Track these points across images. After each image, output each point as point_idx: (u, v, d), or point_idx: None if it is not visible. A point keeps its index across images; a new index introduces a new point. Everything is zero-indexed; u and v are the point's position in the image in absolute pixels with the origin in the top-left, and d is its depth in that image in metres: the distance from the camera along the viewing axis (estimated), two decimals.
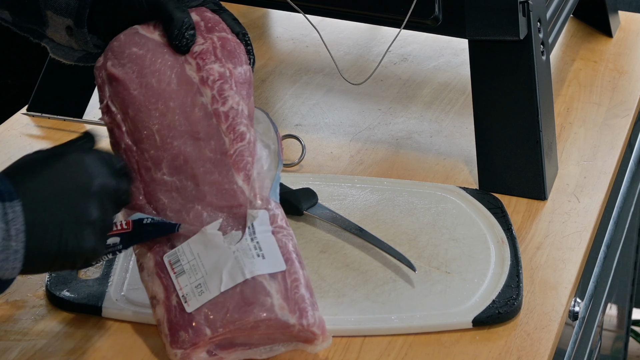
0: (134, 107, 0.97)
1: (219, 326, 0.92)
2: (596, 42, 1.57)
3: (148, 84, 0.97)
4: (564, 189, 1.24)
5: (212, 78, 0.97)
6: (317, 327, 0.94)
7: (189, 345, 0.92)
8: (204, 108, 0.97)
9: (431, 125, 1.36)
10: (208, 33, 0.99)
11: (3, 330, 1.01)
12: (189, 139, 0.96)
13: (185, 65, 0.98)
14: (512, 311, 1.03)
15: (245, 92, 0.99)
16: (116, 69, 0.98)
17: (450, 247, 1.11)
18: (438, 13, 1.20)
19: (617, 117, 1.39)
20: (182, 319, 0.93)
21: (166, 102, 0.97)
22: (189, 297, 0.92)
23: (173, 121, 0.97)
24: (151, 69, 0.98)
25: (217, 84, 0.97)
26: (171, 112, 0.97)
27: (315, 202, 1.15)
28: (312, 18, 1.24)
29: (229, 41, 0.99)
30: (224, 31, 1.00)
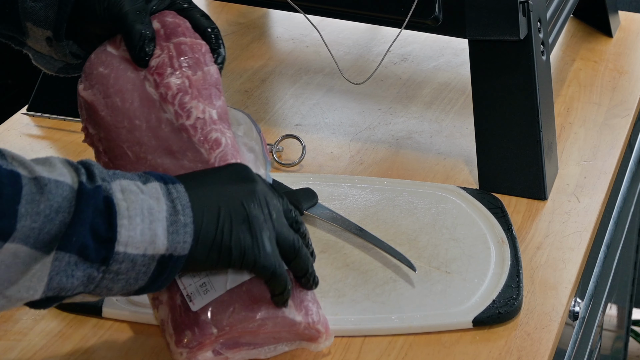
0: (104, 127, 0.96)
1: (226, 325, 0.92)
2: (596, 42, 1.57)
3: (113, 104, 0.96)
4: (564, 189, 1.24)
5: (171, 93, 0.95)
6: (321, 325, 0.94)
7: (195, 345, 0.92)
8: (170, 124, 0.95)
9: (431, 125, 1.36)
10: (166, 41, 0.97)
11: (3, 330, 1.01)
12: (163, 153, 0.95)
13: (145, 82, 0.96)
14: (512, 311, 1.03)
15: (211, 95, 0.97)
16: (86, 91, 0.98)
17: (450, 247, 1.11)
18: (438, 13, 1.20)
19: (617, 117, 1.39)
20: (187, 318, 0.92)
21: (131, 120, 0.95)
22: (194, 296, 0.92)
23: (142, 137, 0.95)
24: (115, 88, 0.96)
25: (177, 98, 0.95)
26: (138, 130, 0.95)
27: (315, 202, 1.15)
28: (312, 18, 1.24)
29: (185, 46, 0.97)
30: (182, 35, 0.98)
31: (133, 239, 0.81)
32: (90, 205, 0.79)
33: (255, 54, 1.52)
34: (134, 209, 0.82)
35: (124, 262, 0.81)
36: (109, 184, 0.82)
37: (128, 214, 0.81)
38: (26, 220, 0.76)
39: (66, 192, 0.79)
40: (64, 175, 0.80)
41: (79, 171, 0.81)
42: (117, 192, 0.82)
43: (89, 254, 0.80)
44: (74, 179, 0.80)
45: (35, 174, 0.78)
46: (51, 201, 0.78)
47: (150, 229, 0.82)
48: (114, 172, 0.84)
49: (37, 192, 0.77)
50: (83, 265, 0.80)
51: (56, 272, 0.79)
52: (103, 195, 0.81)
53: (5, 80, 1.71)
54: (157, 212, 0.83)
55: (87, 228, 0.79)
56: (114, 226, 0.81)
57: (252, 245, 0.88)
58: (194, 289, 0.92)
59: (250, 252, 0.87)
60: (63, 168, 0.80)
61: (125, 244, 0.81)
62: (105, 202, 0.81)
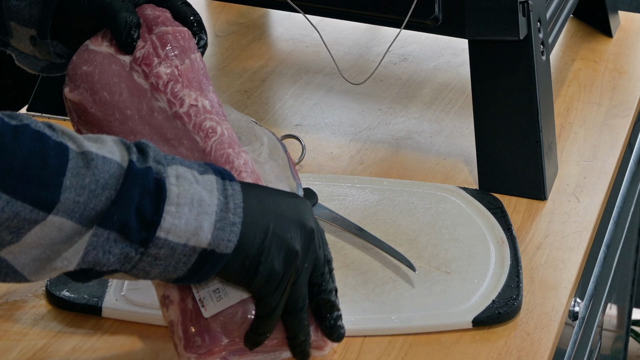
0: (95, 124, 0.96)
1: (236, 336, 0.91)
2: (596, 42, 1.57)
3: (101, 98, 0.95)
4: (564, 189, 1.24)
5: (162, 82, 0.95)
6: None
7: (204, 351, 0.91)
8: (164, 112, 0.95)
9: (431, 125, 1.36)
10: (149, 33, 0.97)
11: (3, 330, 1.01)
12: (159, 140, 0.95)
13: (132, 73, 0.96)
14: (512, 311, 1.03)
15: (201, 84, 0.96)
16: (73, 93, 0.97)
17: (450, 247, 1.11)
18: (438, 13, 1.20)
19: (617, 117, 1.39)
20: (198, 324, 0.91)
21: (122, 111, 0.95)
22: (206, 302, 0.90)
23: (135, 127, 0.95)
24: (101, 83, 0.96)
25: (169, 87, 0.95)
26: (130, 120, 0.95)
27: (315, 202, 1.15)
28: (312, 18, 1.24)
29: (168, 35, 0.96)
30: (163, 25, 0.97)
31: (177, 227, 0.80)
32: (137, 185, 0.79)
33: (255, 54, 1.52)
34: (184, 197, 0.81)
35: (164, 248, 0.81)
36: (165, 167, 0.81)
37: (177, 201, 0.80)
38: (70, 192, 0.76)
39: (113, 169, 0.78)
40: (114, 152, 0.79)
41: (130, 150, 0.80)
42: (171, 177, 0.81)
43: (129, 234, 0.79)
44: (124, 157, 0.79)
45: (84, 149, 0.77)
46: (97, 176, 0.77)
47: (197, 220, 0.81)
48: (173, 157, 0.83)
49: (84, 166, 0.77)
50: (122, 244, 0.79)
51: (93, 246, 0.79)
52: (154, 177, 0.80)
53: (5, 80, 1.71)
54: (207, 205, 0.82)
55: (131, 207, 0.79)
56: (160, 210, 0.80)
57: (277, 281, 0.86)
58: (207, 293, 0.90)
59: (270, 286, 0.86)
60: (114, 146, 0.80)
61: (167, 231, 0.80)
62: (156, 184, 0.80)
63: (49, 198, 0.76)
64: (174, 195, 0.80)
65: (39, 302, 1.05)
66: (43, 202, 0.75)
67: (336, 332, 0.93)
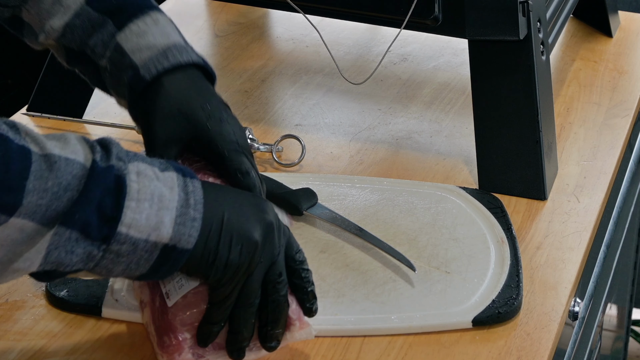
0: None
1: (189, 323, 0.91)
2: (596, 42, 1.57)
3: None
4: (564, 189, 1.24)
5: None
6: (293, 313, 0.93)
7: (173, 349, 0.92)
8: None
9: (431, 125, 1.36)
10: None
11: (3, 330, 1.01)
12: None
13: None
14: (512, 311, 1.03)
15: None
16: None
17: (450, 247, 1.11)
18: (438, 13, 1.20)
19: (617, 117, 1.39)
20: (163, 322, 0.92)
21: None
22: (171, 293, 0.92)
23: None
24: None
25: None
26: None
27: (315, 202, 1.15)
28: (312, 18, 1.24)
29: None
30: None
31: (137, 221, 0.81)
32: (99, 185, 0.79)
33: (255, 54, 1.52)
34: (144, 193, 0.82)
35: (125, 243, 0.81)
36: (126, 164, 0.82)
37: (137, 197, 0.81)
38: (33, 196, 0.76)
39: (76, 170, 0.79)
40: (77, 152, 0.79)
41: (94, 149, 0.81)
42: (132, 174, 0.82)
43: (91, 232, 0.80)
44: (88, 156, 0.80)
45: (46, 151, 0.78)
46: (60, 179, 0.77)
47: (157, 215, 0.82)
48: (135, 154, 0.84)
49: (47, 168, 0.77)
50: (84, 243, 0.80)
51: (55, 246, 0.79)
52: (115, 174, 0.80)
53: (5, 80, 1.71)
54: (168, 201, 0.83)
55: (92, 206, 0.79)
56: (120, 206, 0.80)
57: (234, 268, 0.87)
58: (172, 286, 0.92)
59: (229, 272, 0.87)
60: (77, 145, 0.80)
61: (128, 225, 0.81)
62: (116, 182, 0.80)
63: (12, 202, 0.76)
64: (134, 191, 0.81)
65: (39, 302, 1.05)
66: (5, 206, 0.76)
67: (268, 342, 0.93)
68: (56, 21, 1.00)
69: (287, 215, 1.12)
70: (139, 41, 0.97)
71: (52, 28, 1.00)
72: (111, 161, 0.81)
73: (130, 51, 0.97)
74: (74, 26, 0.99)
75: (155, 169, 0.84)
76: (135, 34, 0.97)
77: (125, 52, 0.97)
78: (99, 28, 0.98)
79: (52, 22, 1.00)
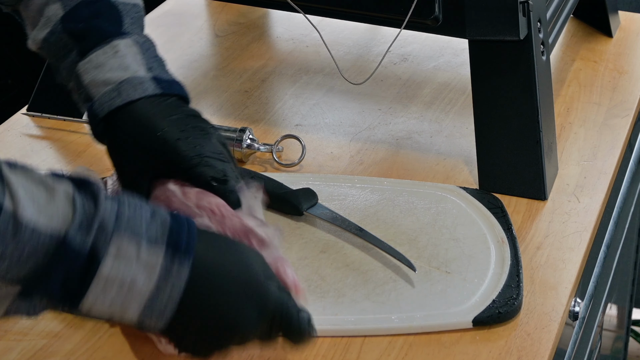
0: None
1: None
2: (596, 42, 1.57)
3: None
4: (564, 189, 1.24)
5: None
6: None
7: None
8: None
9: (431, 125, 1.36)
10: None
11: (3, 330, 1.01)
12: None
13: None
14: (512, 311, 1.03)
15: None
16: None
17: (450, 247, 1.11)
18: (438, 13, 1.20)
19: (617, 117, 1.39)
20: None
21: None
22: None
23: None
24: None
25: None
26: None
27: (315, 202, 1.15)
28: (312, 18, 1.24)
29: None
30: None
31: (100, 305, 0.79)
32: (64, 267, 0.76)
33: (255, 54, 1.52)
34: (114, 280, 0.78)
35: (89, 314, 0.80)
36: (108, 237, 0.77)
37: (104, 284, 0.78)
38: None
39: (42, 241, 0.75)
40: (53, 217, 0.76)
41: (75, 214, 0.76)
42: (110, 254, 0.78)
43: (53, 299, 0.78)
44: (66, 221, 0.76)
45: (18, 211, 0.74)
46: (20, 249, 0.74)
47: (123, 304, 0.79)
48: (128, 218, 0.79)
49: (11, 232, 0.73)
50: (47, 303, 0.78)
51: (15, 307, 0.77)
52: (89, 252, 0.77)
53: (5, 80, 1.71)
54: (138, 291, 0.79)
55: (57, 283, 0.76)
56: (85, 286, 0.78)
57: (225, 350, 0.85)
58: None
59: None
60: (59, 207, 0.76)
61: (90, 305, 0.79)
62: (89, 258, 0.77)
63: None
64: (102, 277, 0.78)
65: None
66: None
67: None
68: (37, 32, 1.01)
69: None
70: (97, 74, 0.97)
71: (35, 38, 1.01)
72: (90, 234, 0.77)
73: (88, 84, 0.97)
74: (50, 43, 1.00)
75: (142, 244, 0.79)
76: (94, 66, 0.97)
77: (83, 85, 0.98)
78: (67, 53, 0.99)
79: (35, 32, 1.01)
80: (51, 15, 1.00)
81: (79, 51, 0.98)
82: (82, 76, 0.98)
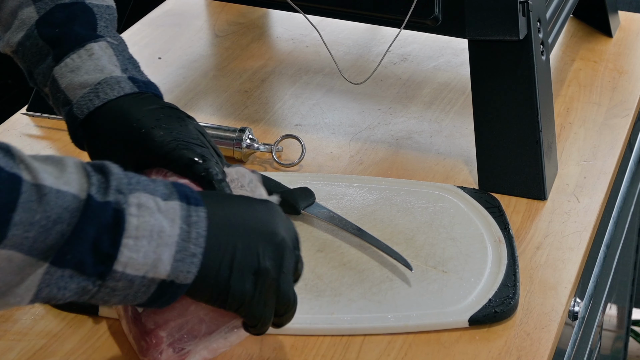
0: None
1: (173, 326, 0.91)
2: (596, 42, 1.57)
3: None
4: (564, 189, 1.24)
5: None
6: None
7: (153, 350, 0.91)
8: None
9: (431, 125, 1.36)
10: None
11: (3, 330, 1.01)
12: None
13: None
14: (508, 310, 1.03)
15: None
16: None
17: (447, 246, 1.11)
18: (438, 13, 1.20)
19: (617, 117, 1.39)
20: (138, 328, 0.92)
21: None
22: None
23: None
24: None
25: None
26: None
27: (312, 201, 1.15)
28: (312, 18, 1.24)
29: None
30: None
31: (134, 260, 0.79)
32: (93, 224, 0.77)
33: (255, 54, 1.52)
34: (143, 229, 0.79)
35: (121, 280, 0.79)
36: (126, 196, 0.79)
37: (136, 234, 0.78)
38: (18, 229, 0.73)
39: (67, 203, 0.76)
40: (71, 182, 0.77)
41: (91, 179, 0.78)
42: (132, 207, 0.79)
43: (85, 269, 0.77)
44: (83, 186, 0.77)
45: (38, 180, 0.75)
46: (48, 212, 0.75)
47: (156, 252, 0.79)
48: (138, 180, 0.81)
49: (36, 200, 0.74)
50: (78, 278, 0.78)
51: (46, 284, 0.77)
52: (114, 209, 0.78)
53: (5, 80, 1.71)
54: (167, 236, 0.80)
55: (87, 244, 0.76)
56: (117, 244, 0.78)
57: (251, 300, 0.86)
58: None
59: (247, 305, 0.86)
60: (73, 174, 0.77)
61: (124, 265, 0.78)
62: (114, 217, 0.78)
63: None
64: (132, 228, 0.78)
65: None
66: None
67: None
68: (12, 35, 1.01)
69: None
70: (73, 78, 0.97)
71: (8, 41, 1.01)
72: (109, 195, 0.78)
73: (65, 88, 0.98)
74: (25, 47, 1.00)
75: (158, 199, 0.81)
76: (70, 69, 0.97)
77: (61, 89, 0.98)
78: (43, 58, 0.99)
79: (9, 35, 1.01)
80: (25, 18, 1.00)
81: (54, 56, 0.99)
82: (58, 80, 0.98)
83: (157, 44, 1.54)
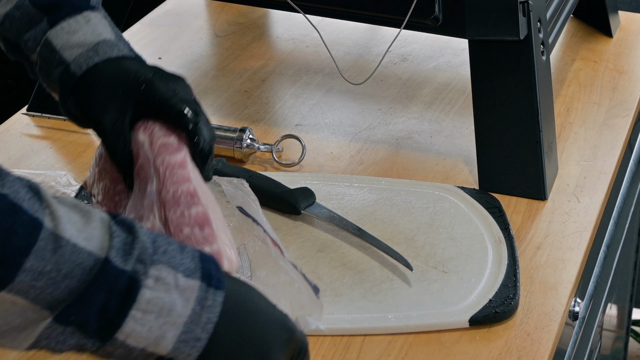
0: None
1: None
2: (596, 42, 1.57)
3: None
4: (564, 189, 1.24)
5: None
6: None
7: None
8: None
9: (431, 125, 1.36)
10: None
11: None
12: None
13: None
14: (508, 310, 1.03)
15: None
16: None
17: (447, 246, 1.11)
18: (438, 13, 1.20)
19: (617, 117, 1.39)
20: None
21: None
22: None
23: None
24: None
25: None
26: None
27: (313, 202, 1.15)
28: (312, 18, 1.24)
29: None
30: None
31: (138, 333, 0.77)
32: (105, 287, 0.75)
33: (255, 54, 1.52)
34: (154, 304, 0.77)
35: (120, 348, 0.77)
36: (146, 267, 0.76)
37: (145, 308, 0.76)
38: (27, 275, 0.72)
39: (82, 260, 0.74)
40: (92, 239, 0.75)
41: (113, 240, 0.75)
42: (149, 279, 0.76)
43: (88, 330, 0.76)
44: (104, 245, 0.75)
45: (59, 230, 0.73)
46: (60, 265, 0.73)
47: (161, 329, 0.77)
48: (165, 251, 0.78)
49: (51, 250, 0.72)
50: (79, 336, 0.76)
51: (46, 337, 0.75)
52: (130, 277, 0.75)
53: (5, 80, 1.71)
54: (177, 316, 0.77)
55: (94, 309, 0.75)
56: (124, 314, 0.76)
57: None
58: None
59: None
60: (97, 230, 0.75)
61: (127, 335, 0.77)
62: (128, 285, 0.76)
63: (3, 277, 0.71)
64: (144, 301, 0.76)
65: None
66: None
67: None
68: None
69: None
70: (69, 38, 0.97)
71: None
72: (129, 263, 0.75)
73: (60, 48, 0.97)
74: (13, 17, 0.99)
75: (179, 275, 0.78)
76: (66, 32, 0.97)
77: (55, 49, 0.97)
78: (35, 24, 0.98)
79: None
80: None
81: (49, 20, 0.98)
82: (53, 42, 0.97)
83: (157, 44, 1.54)
